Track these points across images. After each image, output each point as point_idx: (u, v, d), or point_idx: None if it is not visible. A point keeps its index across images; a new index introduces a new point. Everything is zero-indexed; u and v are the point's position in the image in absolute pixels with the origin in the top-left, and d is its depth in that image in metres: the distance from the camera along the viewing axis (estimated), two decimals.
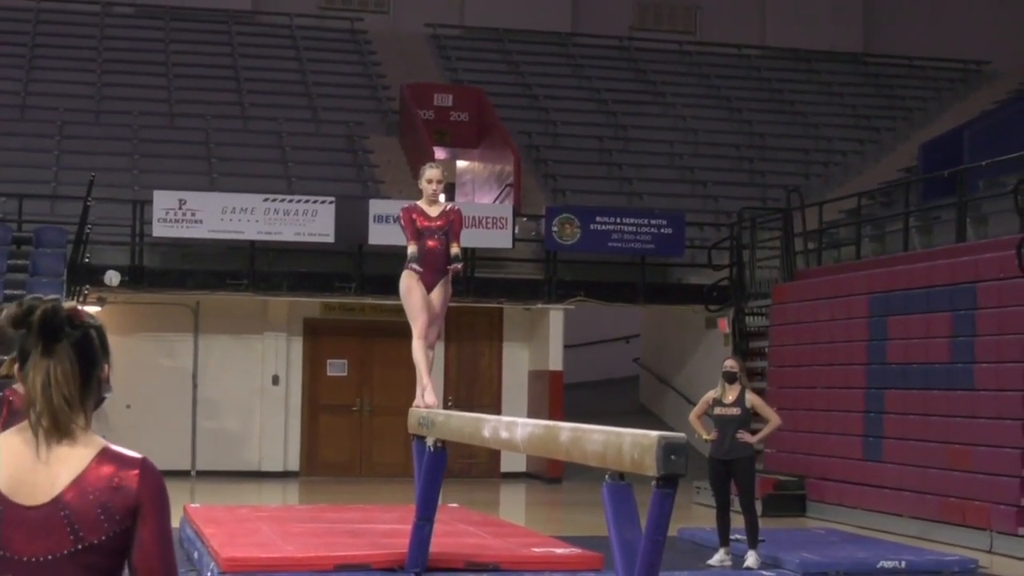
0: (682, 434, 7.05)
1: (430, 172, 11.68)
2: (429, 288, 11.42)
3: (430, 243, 11.45)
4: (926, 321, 17.49)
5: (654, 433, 6.79)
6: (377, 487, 22.16)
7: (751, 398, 14.11)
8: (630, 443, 6.94)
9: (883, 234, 22.78)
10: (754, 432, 14.20)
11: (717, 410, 13.95)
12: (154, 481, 3.18)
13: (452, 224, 11.55)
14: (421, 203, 11.63)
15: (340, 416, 24.11)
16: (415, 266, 11.39)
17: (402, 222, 11.64)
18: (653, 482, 6.68)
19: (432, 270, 11.45)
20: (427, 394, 11.45)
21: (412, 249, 11.48)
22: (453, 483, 17.17)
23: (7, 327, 3.21)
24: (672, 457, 6.59)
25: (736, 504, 13.96)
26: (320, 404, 24.09)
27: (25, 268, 20.79)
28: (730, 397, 13.95)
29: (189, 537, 14.00)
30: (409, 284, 11.40)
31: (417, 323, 11.43)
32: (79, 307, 3.25)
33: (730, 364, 14.22)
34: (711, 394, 14.12)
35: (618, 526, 7.05)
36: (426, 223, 11.48)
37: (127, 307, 22.02)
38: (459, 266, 11.60)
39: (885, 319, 18.39)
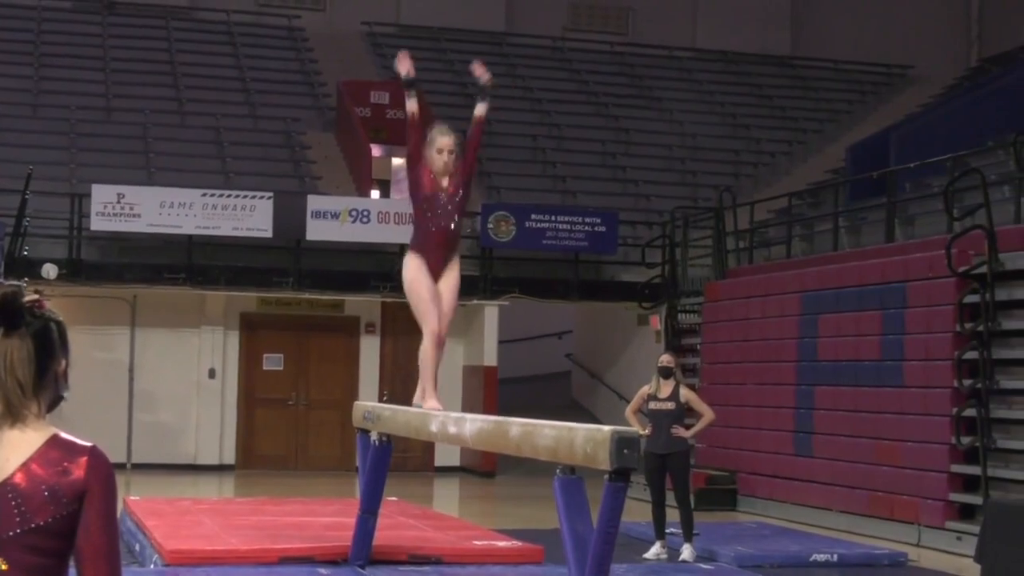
0: (635, 428, 7.32)
1: (441, 140, 9.56)
2: (436, 273, 9.63)
3: (439, 220, 9.60)
4: (856, 319, 17.84)
5: (607, 428, 7.01)
6: (313, 480, 22.33)
7: (685, 393, 14.36)
8: (583, 438, 7.13)
9: (812, 234, 23.16)
10: (688, 427, 14.49)
11: (652, 405, 14.17)
12: (102, 467, 3.25)
13: (465, 189, 9.68)
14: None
15: (276, 410, 24.25)
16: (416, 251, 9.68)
17: (409, 170, 9.76)
18: (606, 476, 6.92)
19: (439, 250, 9.66)
20: (428, 398, 9.78)
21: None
22: (387, 476, 17.30)
23: None
24: (625, 451, 6.80)
25: (672, 498, 14.22)
26: (256, 398, 24.21)
27: None
28: (665, 392, 14.17)
29: (130, 529, 14.07)
30: (414, 274, 9.63)
31: (427, 322, 9.65)
32: (42, 300, 3.34)
33: (665, 359, 14.45)
34: (646, 389, 14.34)
35: (569, 519, 7.24)
36: (435, 191, 9.56)
37: (64, 300, 21.94)
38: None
39: (816, 317, 18.74)
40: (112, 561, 3.26)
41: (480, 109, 9.75)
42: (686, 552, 13.90)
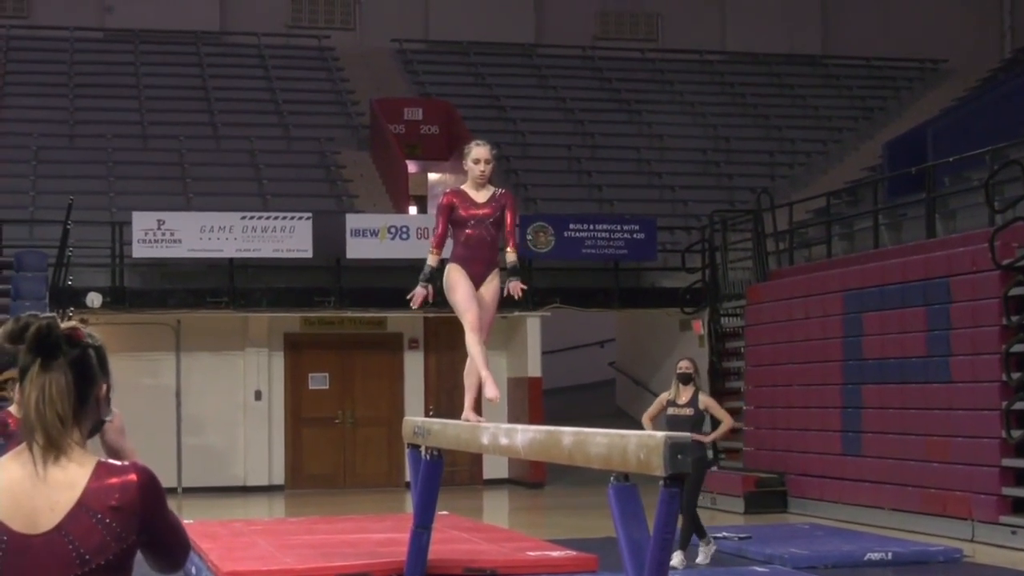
0: (687, 434, 7.31)
1: (477, 151, 10.06)
2: (477, 282, 9.97)
3: (478, 233, 9.96)
4: (901, 316, 17.79)
5: (660, 434, 7.02)
6: (362, 497, 22.37)
7: (704, 399, 14.18)
8: (636, 444, 7.10)
9: (852, 232, 23.11)
10: (707, 434, 14.43)
11: (671, 411, 14.01)
12: (151, 487, 3.26)
13: (503, 214, 10.01)
14: (466, 186, 10.12)
15: (323, 429, 24.29)
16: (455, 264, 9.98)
17: (436, 211, 10.15)
18: (660, 482, 6.90)
19: (480, 263, 10.01)
20: (488, 387, 9.94)
21: (430, 261, 10.06)
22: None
23: (3, 342, 3.27)
24: (679, 456, 6.78)
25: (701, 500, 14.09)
26: (303, 417, 24.25)
27: (7, 292, 20.94)
28: (684, 398, 14.03)
29: None
30: (454, 279, 9.97)
31: (468, 316, 9.94)
32: (79, 326, 3.34)
33: (684, 365, 14.28)
34: (665, 395, 14.20)
35: (625, 526, 7.20)
36: (471, 211, 9.97)
37: (109, 328, 22.09)
38: (519, 284, 9.89)
39: (860, 315, 18.69)
40: (183, 543, 3.39)
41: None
42: (676, 559, 13.42)
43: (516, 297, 9.92)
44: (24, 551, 3.16)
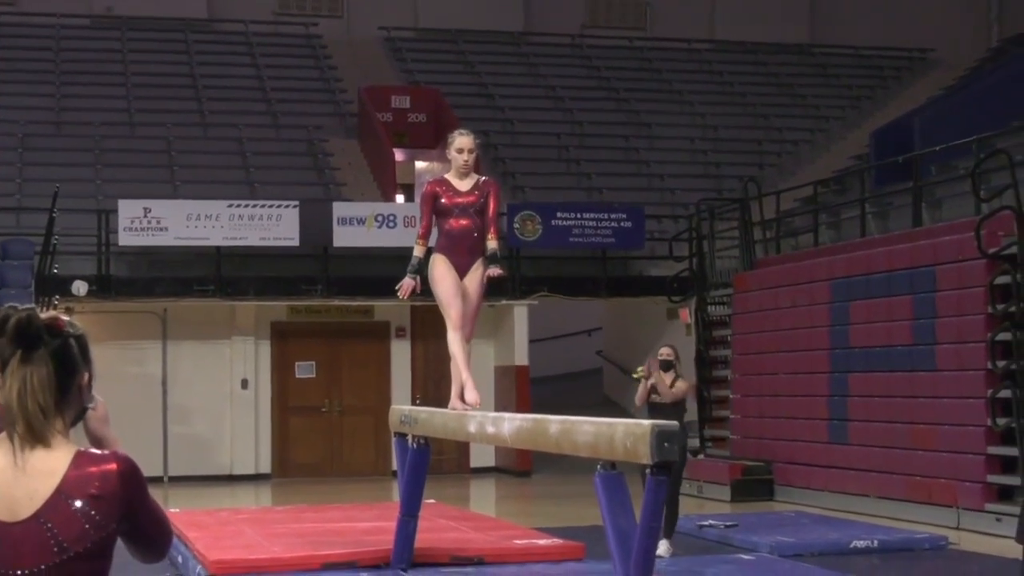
0: (675, 422, 7.32)
1: (460, 140, 10.17)
2: (462, 272, 10.06)
3: (461, 222, 10.05)
4: (887, 305, 17.83)
5: (647, 422, 7.04)
6: (349, 486, 22.36)
7: (680, 384, 14.07)
8: (623, 433, 7.13)
9: (839, 221, 23.14)
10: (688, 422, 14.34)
11: (653, 397, 13.93)
12: (131, 476, 3.25)
13: (487, 202, 10.10)
14: (450, 175, 10.22)
15: (310, 417, 24.27)
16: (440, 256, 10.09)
17: (421, 201, 10.30)
18: (647, 470, 6.92)
19: (464, 251, 10.09)
20: (468, 391, 10.04)
21: (417, 252, 10.17)
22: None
23: None
24: (665, 444, 6.81)
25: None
26: (290, 406, 24.22)
27: None
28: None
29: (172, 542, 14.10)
30: (440, 272, 10.04)
31: (451, 313, 10.02)
32: (61, 316, 3.32)
33: (665, 352, 14.20)
34: (650, 381, 14.23)
35: (612, 514, 7.22)
36: (455, 199, 10.06)
37: (95, 316, 22.06)
38: (498, 271, 9.98)
39: (847, 304, 18.73)
40: (165, 532, 3.38)
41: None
42: (662, 547, 13.12)
43: (491, 276, 9.96)
44: (2, 539, 3.16)
